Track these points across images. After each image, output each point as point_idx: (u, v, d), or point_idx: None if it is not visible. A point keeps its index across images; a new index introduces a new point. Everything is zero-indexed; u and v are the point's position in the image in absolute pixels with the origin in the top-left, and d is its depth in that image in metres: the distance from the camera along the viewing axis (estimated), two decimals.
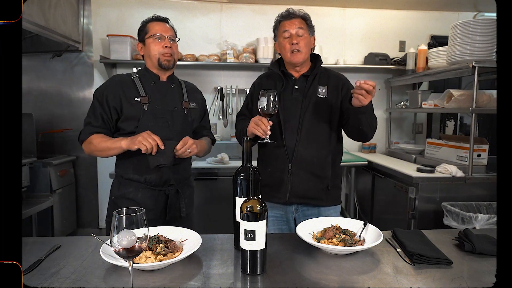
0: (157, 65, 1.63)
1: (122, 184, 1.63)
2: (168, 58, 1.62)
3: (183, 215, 1.66)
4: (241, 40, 3.46)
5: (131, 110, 1.58)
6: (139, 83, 1.63)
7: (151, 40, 1.62)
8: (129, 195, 1.60)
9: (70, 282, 0.98)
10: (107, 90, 1.60)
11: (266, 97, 1.46)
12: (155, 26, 1.63)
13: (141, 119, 1.57)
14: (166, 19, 1.69)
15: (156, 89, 1.64)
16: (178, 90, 1.72)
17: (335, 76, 1.73)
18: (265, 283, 0.99)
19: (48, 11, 2.74)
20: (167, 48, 1.61)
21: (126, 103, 1.58)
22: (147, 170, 1.56)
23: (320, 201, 1.67)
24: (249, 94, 1.83)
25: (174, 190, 1.65)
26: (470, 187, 2.48)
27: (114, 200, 1.64)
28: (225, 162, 3.05)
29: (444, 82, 3.51)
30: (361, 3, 3.51)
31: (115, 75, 1.69)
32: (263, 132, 1.48)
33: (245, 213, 1.01)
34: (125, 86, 1.61)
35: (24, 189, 2.79)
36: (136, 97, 1.59)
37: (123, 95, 1.59)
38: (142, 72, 1.68)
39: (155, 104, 1.61)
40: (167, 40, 1.62)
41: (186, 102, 1.70)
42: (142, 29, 1.67)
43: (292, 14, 1.65)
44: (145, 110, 1.58)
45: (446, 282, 1.00)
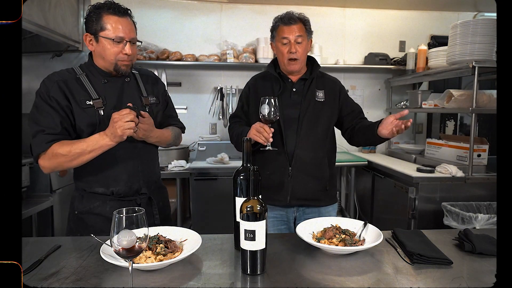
0: (112, 69, 1.38)
1: (86, 198, 1.42)
2: (127, 63, 1.38)
3: (157, 223, 1.49)
4: (241, 40, 3.46)
5: (84, 117, 1.33)
6: (88, 82, 1.37)
7: (108, 41, 1.33)
8: (96, 210, 1.40)
9: (70, 282, 0.98)
10: (52, 91, 1.32)
11: (267, 104, 1.44)
12: (114, 22, 1.32)
13: (98, 127, 1.34)
14: (128, 12, 1.39)
15: (110, 88, 1.40)
16: (135, 84, 1.48)
17: (330, 80, 1.75)
18: (265, 283, 0.99)
19: (48, 11, 2.74)
20: (126, 56, 1.36)
21: (77, 108, 1.33)
22: (114, 182, 1.40)
23: (319, 201, 1.69)
24: (244, 95, 1.79)
25: (146, 198, 1.48)
26: (470, 187, 2.48)
27: (78, 215, 1.43)
28: (225, 162, 3.05)
29: (444, 82, 3.51)
30: (361, 3, 3.51)
31: (54, 72, 1.38)
32: (265, 139, 1.46)
33: (245, 213, 1.01)
34: (71, 87, 1.35)
35: (24, 189, 2.79)
36: (87, 100, 1.34)
37: (72, 98, 1.33)
38: (88, 69, 1.41)
39: (111, 106, 1.37)
40: (128, 46, 1.34)
41: (146, 98, 1.48)
42: (95, 19, 1.33)
43: (292, 20, 1.60)
44: (102, 116, 1.34)
45: (446, 282, 0.99)
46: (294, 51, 1.59)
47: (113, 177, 1.40)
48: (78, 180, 1.47)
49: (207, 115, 3.49)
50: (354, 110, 1.74)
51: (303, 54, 1.63)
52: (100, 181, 1.41)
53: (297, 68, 1.64)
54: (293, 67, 1.64)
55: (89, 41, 1.38)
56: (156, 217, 1.52)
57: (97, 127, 1.35)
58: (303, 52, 1.63)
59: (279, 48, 1.64)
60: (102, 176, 1.40)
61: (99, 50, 1.36)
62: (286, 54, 1.61)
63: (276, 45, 1.67)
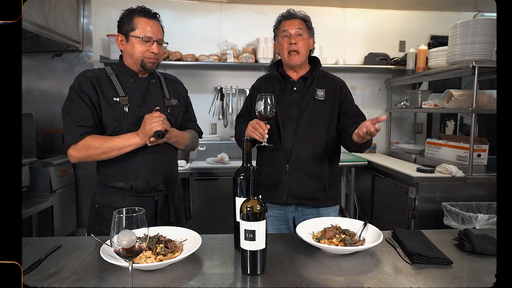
0: (140, 66, 1.49)
1: (106, 192, 1.49)
2: (153, 61, 1.49)
3: (173, 220, 1.55)
4: (241, 40, 3.46)
5: (110, 112, 1.43)
6: (117, 81, 1.48)
7: (137, 40, 1.45)
8: (115, 204, 1.46)
9: (70, 282, 0.98)
10: (85, 86, 1.44)
11: (263, 101, 1.46)
12: (144, 24, 1.45)
13: (122, 123, 1.44)
14: (157, 16, 1.52)
15: (136, 87, 1.50)
16: (159, 86, 1.58)
17: (333, 79, 1.74)
18: (265, 283, 0.99)
19: (48, 11, 2.74)
20: (153, 54, 1.47)
21: (105, 104, 1.43)
22: (133, 177, 1.47)
23: (318, 201, 1.68)
24: (248, 96, 1.84)
25: (163, 196, 1.54)
26: (470, 187, 2.48)
27: (98, 209, 1.51)
28: (225, 162, 3.05)
29: (444, 82, 3.51)
30: (361, 3, 3.51)
31: (86, 70, 1.51)
32: (260, 135, 1.48)
33: (245, 213, 1.01)
34: (102, 84, 1.46)
35: (24, 189, 2.79)
36: (114, 97, 1.44)
37: (101, 94, 1.44)
38: (118, 68, 1.52)
39: (136, 104, 1.47)
40: (155, 45, 1.46)
41: (168, 100, 1.57)
42: (126, 20, 1.47)
43: (293, 15, 1.65)
44: (126, 113, 1.44)
45: (446, 282, 1.00)
46: (294, 42, 1.61)
47: (133, 172, 1.46)
48: (99, 174, 1.54)
49: (207, 115, 3.49)
50: (350, 111, 1.69)
51: (303, 47, 1.63)
52: (119, 175, 1.47)
53: (298, 61, 1.64)
54: (294, 60, 1.64)
55: (120, 41, 1.50)
56: (172, 215, 1.57)
57: (121, 123, 1.44)
58: (304, 46, 1.64)
59: (280, 42, 1.67)
60: (122, 170, 1.47)
61: (128, 49, 1.48)
62: (286, 46, 1.64)
63: (278, 40, 1.70)
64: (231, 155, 3.16)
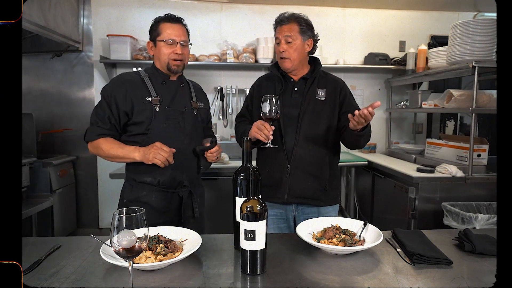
0: (166, 68, 1.60)
1: (135, 187, 1.59)
2: (178, 63, 1.59)
3: (196, 215, 1.66)
4: (241, 40, 3.46)
5: (142, 112, 1.54)
6: (150, 82, 1.59)
7: (162, 43, 1.57)
8: (143, 198, 1.56)
9: (70, 282, 0.98)
10: (116, 90, 1.55)
11: (268, 102, 1.48)
12: (167, 28, 1.58)
13: (153, 121, 1.54)
14: (180, 20, 1.64)
15: (166, 89, 1.61)
16: (187, 89, 1.69)
17: (333, 79, 1.75)
18: (265, 283, 0.99)
19: (48, 11, 2.74)
20: (177, 55, 1.57)
21: (138, 104, 1.54)
22: (161, 173, 1.55)
23: (318, 201, 1.69)
24: (249, 95, 1.84)
25: (187, 191, 1.63)
26: (470, 187, 2.48)
27: (126, 203, 1.59)
28: (225, 162, 3.05)
29: (444, 82, 3.51)
30: (361, 3, 3.51)
31: (123, 73, 1.64)
32: (265, 137, 1.49)
33: (245, 213, 1.01)
34: (135, 85, 1.57)
35: (24, 189, 2.79)
36: (147, 97, 1.56)
37: (134, 95, 1.55)
38: (150, 71, 1.64)
39: (166, 104, 1.58)
40: (178, 46, 1.57)
41: (195, 102, 1.68)
42: (154, 28, 1.61)
43: (283, 21, 1.66)
44: (157, 112, 1.55)
45: (446, 282, 1.00)
46: (282, 50, 1.65)
47: (160, 169, 1.52)
48: (129, 171, 1.64)
49: None
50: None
51: (293, 53, 1.64)
52: (148, 171, 1.56)
53: (287, 66, 1.67)
54: (284, 65, 1.68)
55: (150, 47, 1.65)
56: (196, 210, 1.66)
57: (152, 120, 1.55)
58: (294, 51, 1.64)
59: (275, 47, 1.73)
60: (150, 167, 1.53)
61: (156, 53, 1.61)
62: (278, 53, 1.69)
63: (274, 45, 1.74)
64: (231, 155, 3.16)
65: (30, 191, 2.89)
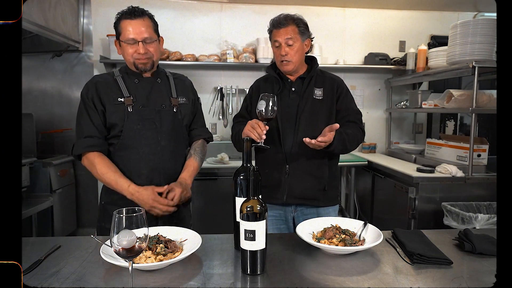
0: (134, 68, 1.52)
1: (111, 189, 1.51)
2: (144, 61, 1.49)
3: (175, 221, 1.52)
4: (241, 40, 3.46)
5: (114, 113, 1.48)
6: (122, 82, 1.52)
7: (124, 44, 1.46)
8: (119, 201, 1.46)
9: (70, 282, 0.98)
10: (89, 92, 1.49)
11: (265, 101, 1.46)
12: (127, 26, 1.44)
13: (126, 122, 1.47)
14: (141, 13, 1.46)
15: (141, 87, 1.53)
16: (165, 85, 1.59)
17: (330, 78, 1.74)
18: (265, 283, 0.99)
19: (48, 11, 2.74)
20: (140, 55, 1.46)
21: (109, 105, 1.48)
22: (136, 176, 1.48)
23: (318, 201, 1.69)
24: (248, 96, 1.83)
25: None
26: (470, 187, 2.48)
27: (104, 205, 1.56)
28: (225, 162, 3.05)
29: (444, 82, 3.51)
30: (361, 3, 3.51)
31: (95, 75, 1.56)
32: (258, 136, 1.47)
33: (245, 213, 1.01)
34: (107, 86, 1.51)
35: (24, 189, 2.79)
36: (119, 97, 1.49)
37: (105, 97, 1.49)
38: (124, 70, 1.56)
39: (140, 104, 1.50)
40: (140, 45, 1.45)
41: (175, 99, 1.58)
42: (115, 26, 1.49)
43: (281, 24, 1.63)
44: (130, 112, 1.48)
45: (446, 282, 1.00)
46: (284, 53, 1.63)
47: (136, 172, 1.49)
48: None
49: (207, 115, 3.48)
50: (343, 110, 1.69)
51: (295, 55, 1.64)
52: (123, 173, 1.49)
53: (289, 69, 1.66)
54: (286, 68, 1.67)
55: (118, 46, 1.53)
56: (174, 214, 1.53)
57: (125, 122, 1.48)
58: (295, 53, 1.64)
59: (274, 50, 1.71)
60: (126, 170, 1.49)
61: (122, 53, 1.52)
62: (278, 56, 1.66)
63: (272, 47, 1.72)
64: (231, 155, 3.16)
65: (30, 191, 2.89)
